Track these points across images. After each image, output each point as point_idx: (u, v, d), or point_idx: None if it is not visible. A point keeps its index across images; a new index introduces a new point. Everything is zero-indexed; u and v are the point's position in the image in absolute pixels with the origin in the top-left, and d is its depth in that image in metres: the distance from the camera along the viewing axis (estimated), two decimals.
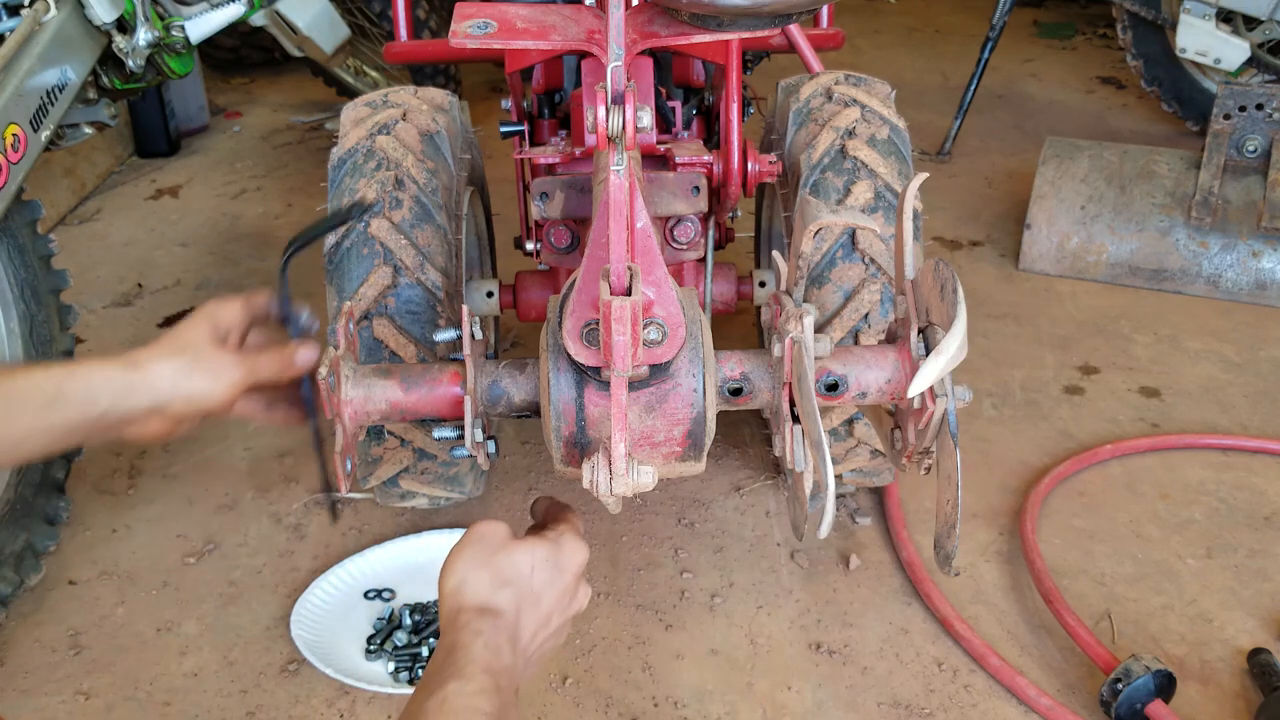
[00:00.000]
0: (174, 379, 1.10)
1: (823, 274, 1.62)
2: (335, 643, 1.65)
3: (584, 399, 1.10)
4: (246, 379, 1.13)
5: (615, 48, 1.01)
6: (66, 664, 1.65)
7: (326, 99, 3.93)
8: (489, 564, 0.98)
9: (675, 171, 1.63)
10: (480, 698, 0.89)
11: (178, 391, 1.10)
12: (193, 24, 2.32)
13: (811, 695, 1.57)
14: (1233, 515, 1.92)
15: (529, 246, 1.91)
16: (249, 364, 1.14)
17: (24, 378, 1.07)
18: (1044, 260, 2.74)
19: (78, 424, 1.07)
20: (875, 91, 1.77)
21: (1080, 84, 4.15)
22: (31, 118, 1.77)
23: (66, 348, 1.87)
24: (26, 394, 1.05)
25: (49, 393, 1.05)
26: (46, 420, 1.06)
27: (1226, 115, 2.58)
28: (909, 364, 1.17)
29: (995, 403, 2.23)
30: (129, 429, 1.11)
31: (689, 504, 1.95)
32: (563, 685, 1.59)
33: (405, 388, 1.18)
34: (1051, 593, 1.67)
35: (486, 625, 0.94)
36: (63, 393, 1.06)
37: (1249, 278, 2.58)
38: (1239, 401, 2.23)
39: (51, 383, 1.06)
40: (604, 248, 1.03)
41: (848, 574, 1.79)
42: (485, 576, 0.97)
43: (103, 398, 1.07)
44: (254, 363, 1.14)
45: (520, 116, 1.92)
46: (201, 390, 1.11)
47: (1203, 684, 1.58)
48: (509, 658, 0.95)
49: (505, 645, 0.95)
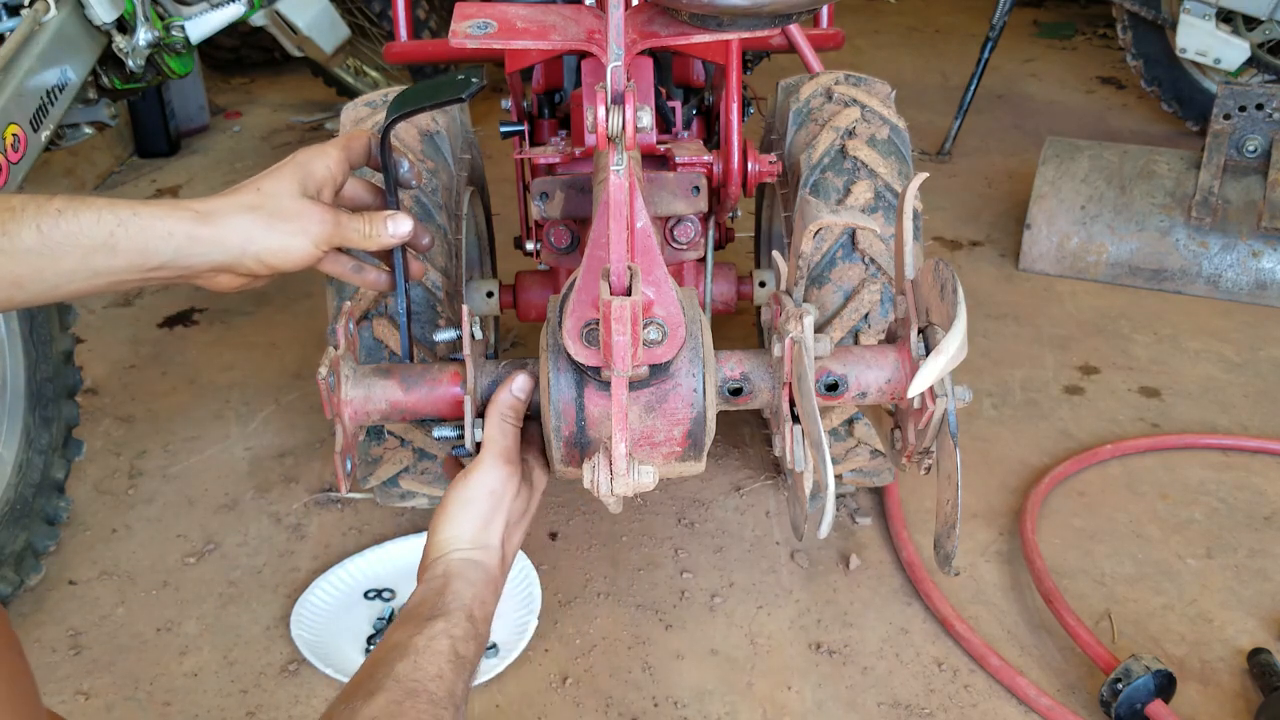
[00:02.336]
0: (247, 234, 1.01)
1: (823, 274, 1.62)
2: (335, 643, 1.65)
3: (584, 399, 1.10)
4: (330, 239, 1.05)
5: (615, 48, 1.00)
6: (66, 664, 1.65)
7: (326, 99, 3.94)
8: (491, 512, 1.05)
9: (675, 171, 1.63)
10: (465, 643, 0.95)
11: (250, 248, 1.01)
12: (193, 24, 2.32)
13: (811, 695, 1.57)
14: (1233, 515, 1.92)
15: (529, 246, 1.91)
16: (336, 224, 1.06)
17: (72, 218, 0.95)
18: (1044, 260, 2.74)
19: (129, 274, 0.99)
20: (875, 91, 1.77)
21: (1080, 84, 4.15)
22: (31, 118, 1.77)
23: (66, 348, 1.87)
24: (73, 236, 0.95)
25: (98, 238, 0.95)
26: (91, 266, 0.96)
27: (1226, 115, 2.58)
28: (909, 364, 1.17)
29: (995, 403, 2.23)
30: (195, 281, 1.03)
31: (689, 504, 1.95)
32: (563, 685, 1.59)
33: (405, 387, 1.18)
34: (1051, 593, 1.67)
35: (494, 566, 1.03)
36: (114, 240, 0.96)
37: (1249, 278, 2.58)
38: (1239, 401, 2.23)
39: (103, 228, 0.96)
40: (604, 248, 1.03)
41: (848, 574, 1.79)
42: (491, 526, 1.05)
43: (161, 251, 0.98)
44: (342, 224, 1.07)
45: (520, 116, 1.92)
46: (278, 247, 1.02)
47: (1203, 684, 1.58)
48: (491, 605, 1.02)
49: (490, 594, 1.01)
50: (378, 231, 1.10)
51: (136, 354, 2.47)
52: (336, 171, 1.10)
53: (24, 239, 0.94)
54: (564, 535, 1.88)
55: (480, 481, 1.07)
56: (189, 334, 2.55)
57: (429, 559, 1.05)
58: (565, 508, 1.94)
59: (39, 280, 0.95)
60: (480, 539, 1.05)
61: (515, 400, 1.13)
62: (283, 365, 2.41)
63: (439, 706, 0.89)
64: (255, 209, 1.02)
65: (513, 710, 1.56)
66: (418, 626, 0.96)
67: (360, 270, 1.17)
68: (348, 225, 1.07)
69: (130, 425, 2.22)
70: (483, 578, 1.03)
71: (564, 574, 1.80)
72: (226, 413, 2.25)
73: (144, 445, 2.15)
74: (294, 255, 1.04)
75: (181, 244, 0.99)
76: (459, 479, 1.08)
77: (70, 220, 0.95)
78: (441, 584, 1.00)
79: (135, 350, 2.48)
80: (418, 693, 0.89)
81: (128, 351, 2.48)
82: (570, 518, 1.92)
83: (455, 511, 1.05)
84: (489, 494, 1.06)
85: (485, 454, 1.08)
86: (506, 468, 1.08)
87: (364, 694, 0.89)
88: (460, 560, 1.03)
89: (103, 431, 2.19)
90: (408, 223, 1.12)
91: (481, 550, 1.04)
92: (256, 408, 2.26)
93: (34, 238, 0.94)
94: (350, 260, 1.16)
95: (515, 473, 1.09)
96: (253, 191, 1.03)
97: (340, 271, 1.15)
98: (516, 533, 1.10)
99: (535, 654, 1.64)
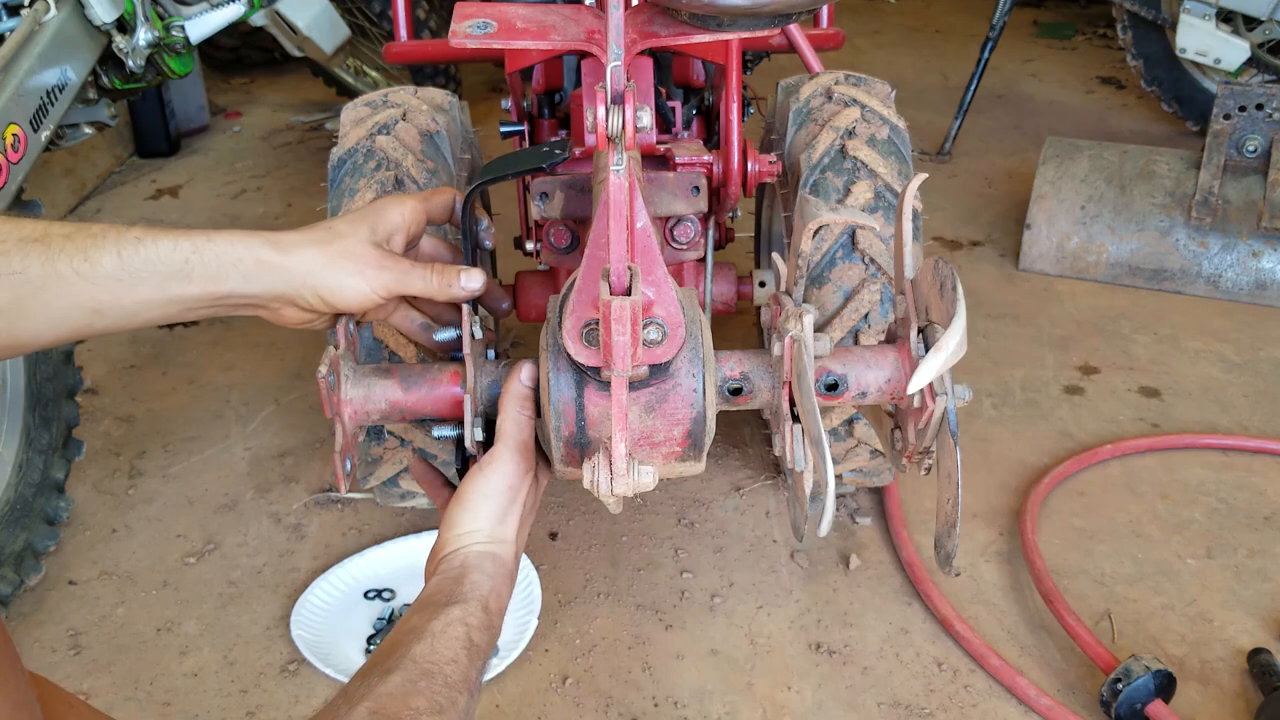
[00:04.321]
0: (310, 268, 1.02)
1: (823, 274, 1.62)
2: (335, 643, 1.65)
3: (584, 399, 1.09)
4: (393, 287, 1.06)
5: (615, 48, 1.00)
6: (66, 664, 1.65)
7: (326, 99, 3.94)
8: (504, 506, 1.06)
9: (675, 171, 1.63)
10: (480, 633, 0.96)
11: (310, 280, 1.02)
12: (193, 24, 2.32)
13: (811, 695, 1.57)
14: (1233, 515, 1.92)
15: (529, 246, 1.91)
16: (401, 272, 1.06)
17: (150, 245, 0.97)
18: (1044, 260, 2.74)
19: (200, 302, 1.01)
20: (875, 91, 1.77)
21: (1080, 84, 4.15)
22: (31, 118, 1.77)
23: (66, 348, 1.87)
24: (151, 263, 0.97)
25: (174, 265, 0.98)
26: (167, 293, 0.98)
27: (1226, 115, 2.58)
28: (909, 363, 1.17)
29: (995, 402, 2.23)
30: (261, 312, 1.05)
31: (689, 504, 1.95)
32: (563, 685, 1.59)
33: (405, 387, 1.18)
34: (1051, 593, 1.67)
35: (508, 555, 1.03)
36: (189, 266, 0.98)
37: (1249, 278, 2.58)
38: (1239, 401, 2.23)
39: (180, 255, 0.98)
40: (604, 248, 1.03)
41: (848, 574, 1.79)
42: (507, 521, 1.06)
43: (230, 277, 1.00)
44: (407, 273, 1.07)
45: (520, 116, 1.92)
46: (335, 286, 1.03)
47: (1203, 684, 1.58)
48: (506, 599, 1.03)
49: (505, 587, 1.03)
50: (448, 283, 1.10)
51: (136, 354, 2.47)
52: (410, 220, 1.12)
53: (105, 264, 0.95)
54: (564, 535, 1.88)
55: (499, 474, 1.07)
56: (189, 334, 2.55)
57: (444, 549, 1.05)
58: (565, 508, 1.94)
59: (117, 307, 0.97)
60: (497, 533, 1.05)
61: (526, 390, 1.12)
62: (283, 365, 2.41)
63: (454, 690, 0.90)
64: (322, 245, 1.04)
65: (513, 710, 1.56)
66: (434, 612, 0.96)
67: (428, 330, 1.19)
68: (412, 273, 1.08)
69: (130, 425, 2.22)
70: (500, 571, 1.04)
71: (564, 574, 1.80)
72: (226, 413, 2.25)
73: (144, 445, 2.15)
74: (350, 295, 1.05)
75: (250, 270, 1.01)
76: (476, 471, 1.07)
77: (149, 247, 0.97)
78: (459, 573, 1.01)
79: (135, 350, 2.48)
80: (433, 674, 0.90)
81: (128, 351, 2.48)
82: (570, 518, 1.92)
83: (475, 504, 1.06)
84: (507, 488, 1.06)
85: (502, 447, 1.08)
86: (524, 462, 1.08)
87: (380, 672, 0.90)
88: (478, 552, 1.04)
89: (103, 431, 2.19)
90: (479, 278, 1.12)
91: (498, 544, 1.05)
92: (256, 408, 2.26)
93: (114, 263, 0.96)
94: (420, 318, 1.18)
95: (531, 467, 1.10)
96: (324, 229, 1.06)
97: (408, 329, 1.17)
98: (526, 527, 1.11)
99: (535, 654, 1.64)
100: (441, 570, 1.02)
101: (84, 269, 0.94)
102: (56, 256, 0.94)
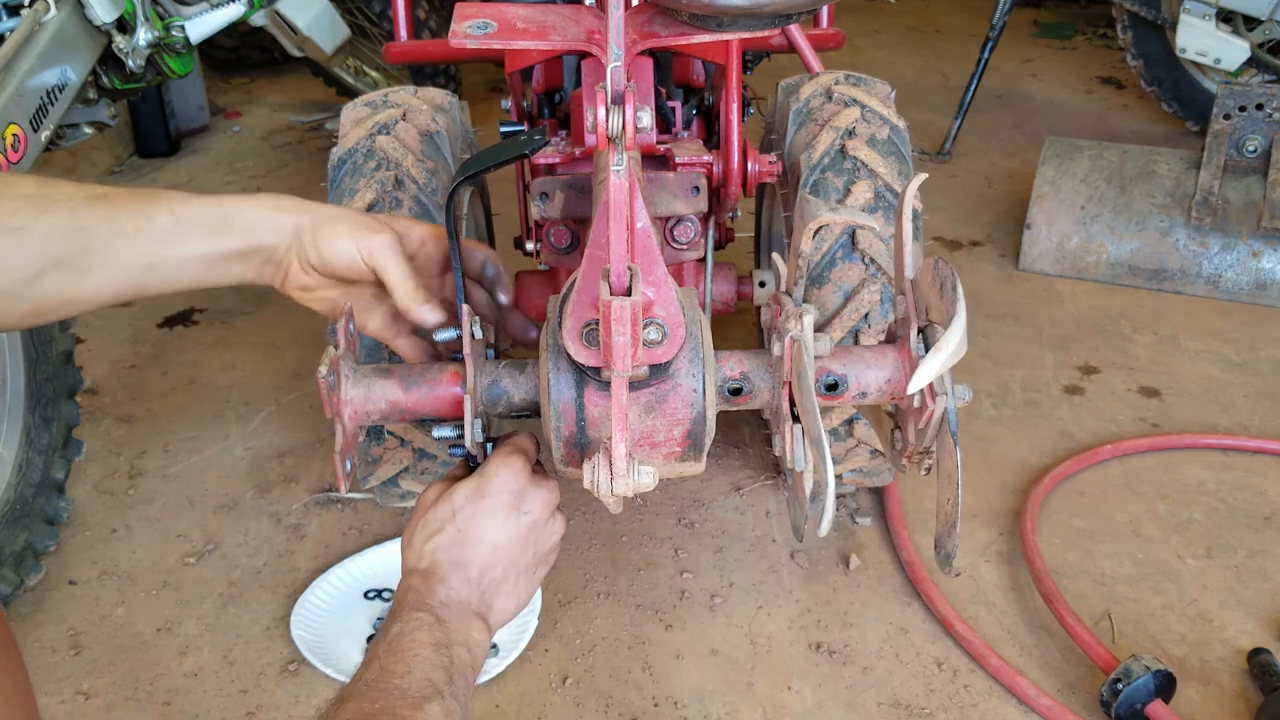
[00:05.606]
0: (316, 222, 1.09)
1: (823, 274, 1.62)
2: (335, 643, 1.65)
3: (584, 399, 1.10)
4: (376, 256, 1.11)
5: (615, 48, 1.00)
6: (66, 664, 1.65)
7: (326, 99, 3.94)
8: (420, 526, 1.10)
9: (675, 171, 1.63)
10: (420, 631, 1.01)
11: (312, 234, 1.09)
12: (193, 24, 2.32)
13: (811, 695, 1.57)
14: (1233, 515, 1.92)
15: (529, 246, 1.91)
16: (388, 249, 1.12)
17: (197, 202, 1.07)
18: (1044, 260, 2.74)
19: (236, 253, 1.08)
20: (875, 91, 1.77)
21: (1080, 84, 4.15)
22: (31, 118, 1.77)
23: (66, 348, 1.87)
24: (198, 216, 1.06)
25: (217, 218, 1.06)
26: (212, 246, 1.06)
27: (1226, 115, 2.58)
28: (909, 364, 1.17)
29: (995, 402, 2.23)
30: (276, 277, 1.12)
31: (689, 504, 1.95)
32: (563, 685, 1.59)
33: (405, 387, 1.18)
34: (1051, 593, 1.67)
35: (417, 581, 1.06)
36: (230, 220, 1.07)
37: (1249, 278, 2.58)
38: (1239, 401, 2.23)
39: (221, 210, 1.07)
40: (604, 248, 1.03)
41: (848, 574, 1.79)
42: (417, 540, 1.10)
43: (259, 229, 1.08)
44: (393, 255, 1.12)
45: (520, 116, 1.92)
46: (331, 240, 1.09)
47: (1203, 684, 1.58)
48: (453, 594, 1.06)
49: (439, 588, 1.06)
50: (415, 299, 1.13)
51: (136, 354, 2.47)
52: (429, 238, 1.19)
53: (161, 220, 1.04)
54: (564, 535, 1.88)
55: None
56: (189, 334, 2.55)
57: None
58: (565, 508, 1.94)
59: (168, 261, 1.05)
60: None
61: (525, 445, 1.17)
62: (283, 365, 2.41)
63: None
64: (333, 207, 1.13)
65: (513, 710, 1.56)
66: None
67: (397, 337, 1.22)
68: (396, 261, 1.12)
69: (130, 425, 2.22)
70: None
71: (564, 574, 1.80)
72: (226, 413, 2.25)
73: (144, 445, 2.15)
74: (339, 254, 1.10)
75: (274, 220, 1.09)
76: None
77: (196, 204, 1.07)
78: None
79: (135, 350, 2.48)
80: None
81: (128, 351, 2.48)
82: (570, 518, 1.92)
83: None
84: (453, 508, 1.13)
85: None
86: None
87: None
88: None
89: (103, 431, 2.19)
90: (435, 318, 1.14)
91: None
92: (256, 408, 2.26)
93: (168, 219, 1.04)
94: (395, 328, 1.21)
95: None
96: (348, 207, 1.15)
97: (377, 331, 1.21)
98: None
99: (535, 654, 1.64)
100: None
101: (142, 224, 1.03)
102: (118, 214, 1.02)
